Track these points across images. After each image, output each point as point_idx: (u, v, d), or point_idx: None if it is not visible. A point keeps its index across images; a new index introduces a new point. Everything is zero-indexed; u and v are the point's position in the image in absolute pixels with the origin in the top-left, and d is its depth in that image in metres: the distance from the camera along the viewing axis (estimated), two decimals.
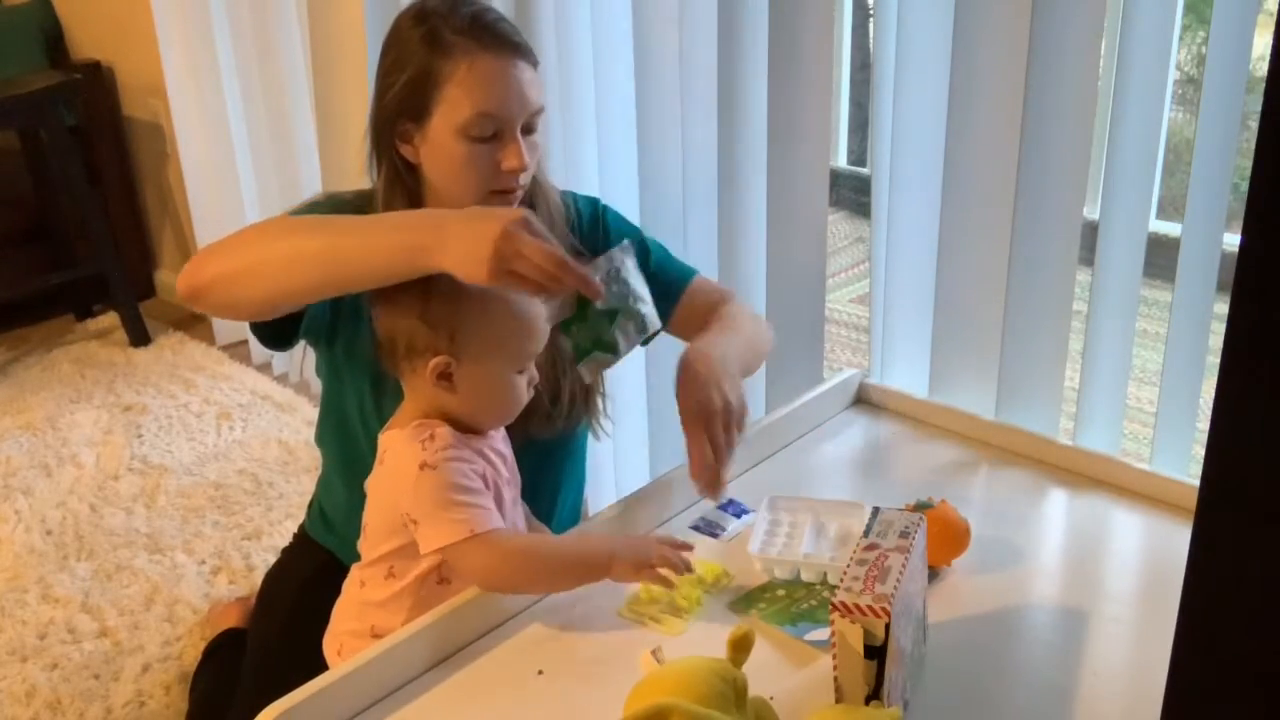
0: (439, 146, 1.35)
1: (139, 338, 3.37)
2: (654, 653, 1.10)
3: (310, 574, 1.56)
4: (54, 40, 3.63)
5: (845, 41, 3.73)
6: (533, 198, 1.43)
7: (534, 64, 1.37)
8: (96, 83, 3.47)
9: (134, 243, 3.65)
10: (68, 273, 3.41)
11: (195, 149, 3.18)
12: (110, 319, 3.50)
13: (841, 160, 4.20)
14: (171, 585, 2.26)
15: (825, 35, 1.69)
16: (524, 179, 1.37)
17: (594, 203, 1.57)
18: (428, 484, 1.15)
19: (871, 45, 1.67)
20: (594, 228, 1.53)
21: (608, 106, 2.00)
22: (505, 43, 1.34)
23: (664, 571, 1.17)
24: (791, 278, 1.83)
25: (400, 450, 1.19)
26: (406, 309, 1.18)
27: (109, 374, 3.20)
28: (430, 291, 1.17)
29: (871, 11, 2.51)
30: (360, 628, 1.25)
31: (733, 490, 1.40)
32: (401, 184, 1.39)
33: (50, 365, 3.26)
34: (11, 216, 3.47)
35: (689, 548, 1.21)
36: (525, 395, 1.25)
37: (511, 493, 1.27)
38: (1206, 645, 0.62)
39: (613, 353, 1.27)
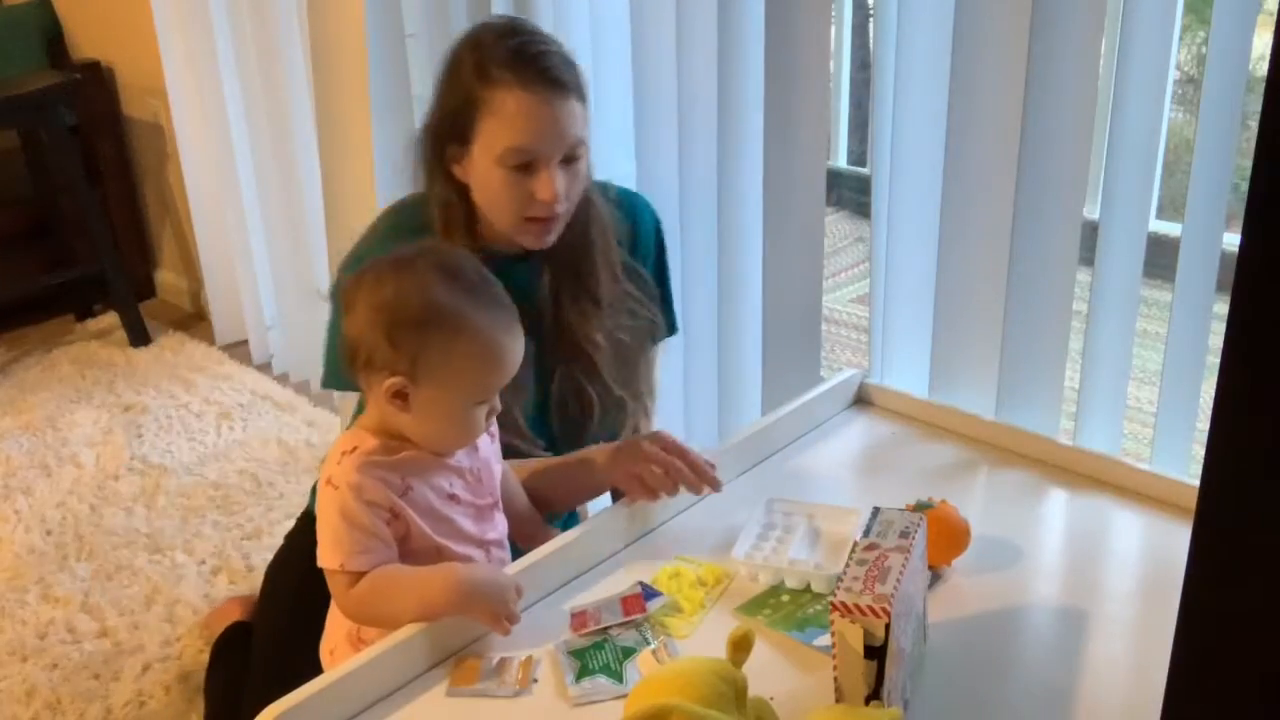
0: (479, 172, 1.42)
1: (139, 338, 3.36)
2: (654, 653, 1.10)
3: (313, 560, 1.56)
4: (54, 40, 3.63)
5: (845, 41, 3.72)
6: (583, 222, 1.49)
7: (579, 98, 1.41)
8: (96, 83, 3.47)
9: (134, 243, 3.65)
10: (68, 273, 3.41)
11: (195, 149, 3.18)
12: (110, 319, 3.50)
13: (841, 160, 4.19)
14: (171, 585, 2.26)
15: (822, 34, 1.69)
16: (561, 207, 1.42)
17: (657, 223, 1.63)
18: (325, 501, 1.17)
19: (871, 45, 1.67)
20: (658, 250, 1.63)
21: (606, 106, 2.00)
22: (545, 78, 1.37)
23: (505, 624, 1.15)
24: (788, 278, 1.83)
25: (328, 456, 1.20)
26: (374, 323, 1.16)
27: (109, 374, 3.20)
28: (399, 313, 1.16)
29: (871, 11, 2.51)
30: (343, 632, 1.25)
31: (733, 491, 1.40)
32: (454, 203, 1.45)
33: (50, 365, 3.26)
34: (11, 216, 3.47)
35: (522, 593, 1.18)
36: (482, 426, 1.22)
37: (475, 509, 1.24)
38: (1206, 645, 0.62)
39: None
